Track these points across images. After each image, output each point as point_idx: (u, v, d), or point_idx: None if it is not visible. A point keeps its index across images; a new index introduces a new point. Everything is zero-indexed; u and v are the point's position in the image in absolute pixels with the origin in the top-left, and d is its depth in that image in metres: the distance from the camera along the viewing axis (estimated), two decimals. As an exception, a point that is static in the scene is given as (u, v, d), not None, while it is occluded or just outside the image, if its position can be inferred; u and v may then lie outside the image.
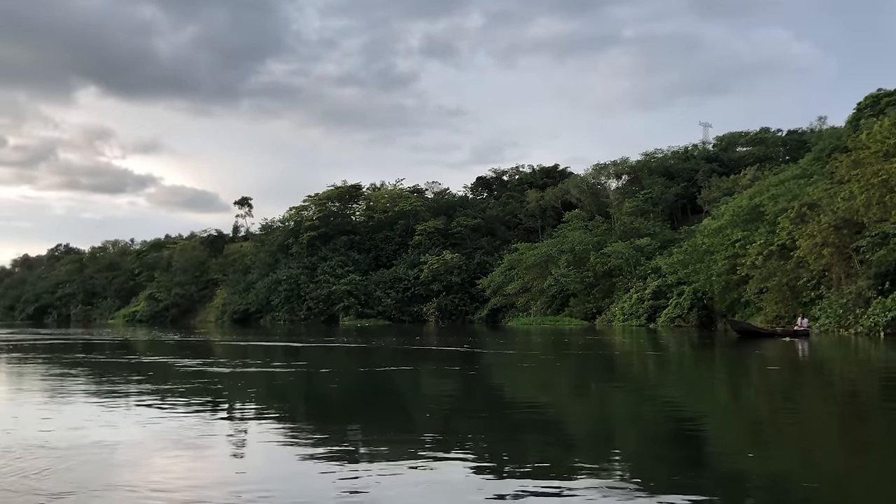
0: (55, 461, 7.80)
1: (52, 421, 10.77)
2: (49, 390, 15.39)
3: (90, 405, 12.75)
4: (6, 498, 6.38)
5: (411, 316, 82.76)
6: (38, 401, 13.60)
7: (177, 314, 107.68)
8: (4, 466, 7.52)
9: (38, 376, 19.12)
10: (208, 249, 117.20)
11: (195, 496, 6.48)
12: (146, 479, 7.14)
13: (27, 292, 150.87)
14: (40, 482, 6.87)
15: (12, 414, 11.89)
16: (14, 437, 9.28)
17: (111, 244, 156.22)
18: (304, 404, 14.28)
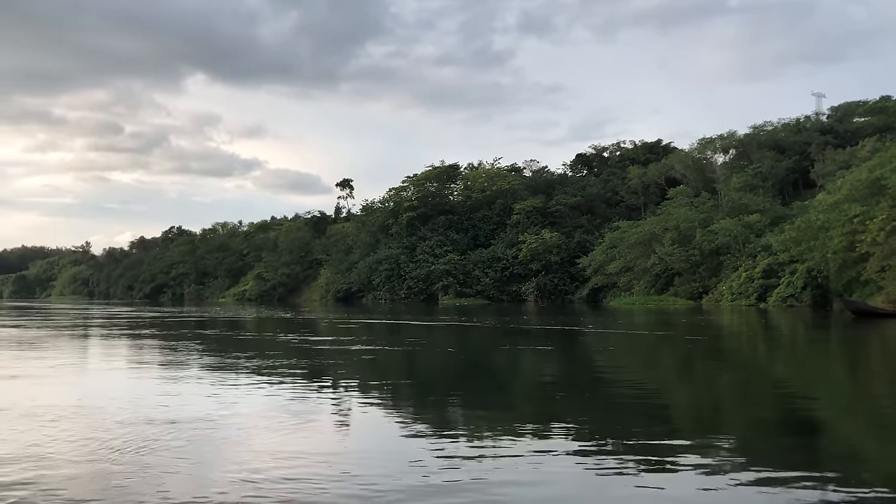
0: (170, 434, 8.11)
1: (168, 395, 11.23)
2: (166, 365, 16.09)
3: (203, 380, 13.28)
4: (124, 470, 6.63)
5: (510, 295, 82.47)
6: (156, 376, 14.23)
7: (283, 293, 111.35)
8: (124, 439, 7.85)
9: (156, 352, 20.08)
10: (312, 230, 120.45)
11: (300, 473, 6.57)
12: (255, 452, 7.32)
13: (144, 272, 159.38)
14: (156, 455, 7.13)
15: (133, 388, 12.48)
16: (134, 412, 9.71)
17: (220, 226, 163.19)
18: (407, 380, 14.38)
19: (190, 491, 5.87)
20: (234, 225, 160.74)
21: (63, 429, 8.31)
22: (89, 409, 9.73)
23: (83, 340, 25.09)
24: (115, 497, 5.72)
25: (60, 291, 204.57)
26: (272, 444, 7.63)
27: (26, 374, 14.04)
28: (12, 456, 6.99)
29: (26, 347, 21.05)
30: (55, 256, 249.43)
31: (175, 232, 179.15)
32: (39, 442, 7.62)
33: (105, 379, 13.73)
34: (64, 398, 10.66)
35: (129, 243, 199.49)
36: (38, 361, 16.63)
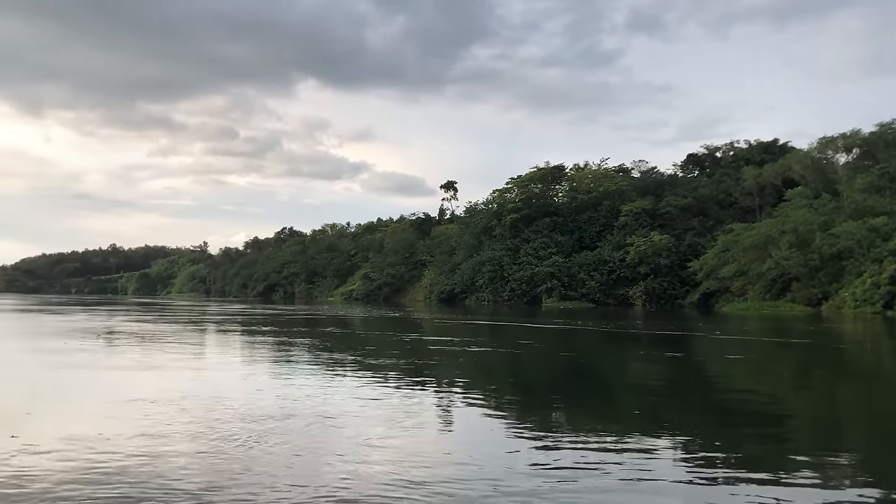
0: (283, 428, 8.41)
1: (282, 390, 11.61)
2: (281, 361, 16.63)
3: (316, 375, 13.64)
4: (237, 462, 6.86)
5: (616, 299, 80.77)
6: (271, 370, 14.71)
7: (388, 293, 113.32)
8: (238, 432, 8.15)
9: (272, 348, 20.77)
10: (416, 232, 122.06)
11: (407, 471, 6.64)
12: (360, 447, 7.46)
13: (257, 272, 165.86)
14: (267, 448, 7.38)
15: (249, 382, 12.95)
16: (248, 405, 10.08)
17: (329, 227, 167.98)
18: (511, 382, 14.26)
19: (300, 485, 6.01)
20: (342, 226, 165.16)
21: (182, 420, 8.73)
22: (207, 400, 10.16)
23: (203, 336, 26.28)
24: (230, 488, 5.93)
25: (179, 289, 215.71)
26: (380, 442, 7.73)
27: (152, 366, 14.84)
28: (133, 445, 7.38)
29: (153, 341, 22.23)
30: (175, 255, 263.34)
31: (287, 233, 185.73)
32: (159, 432, 8.02)
33: (222, 373, 14.30)
34: (184, 390, 11.20)
35: (244, 243, 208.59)
36: (163, 354, 17.55)
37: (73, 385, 12.09)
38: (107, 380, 12.93)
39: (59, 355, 16.81)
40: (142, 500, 5.59)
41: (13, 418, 8.81)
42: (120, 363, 15.46)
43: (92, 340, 21.94)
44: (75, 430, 7.98)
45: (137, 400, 10.02)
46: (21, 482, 5.96)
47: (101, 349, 19.13)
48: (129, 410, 9.27)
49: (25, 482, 5.96)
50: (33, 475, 6.17)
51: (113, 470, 6.35)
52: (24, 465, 6.46)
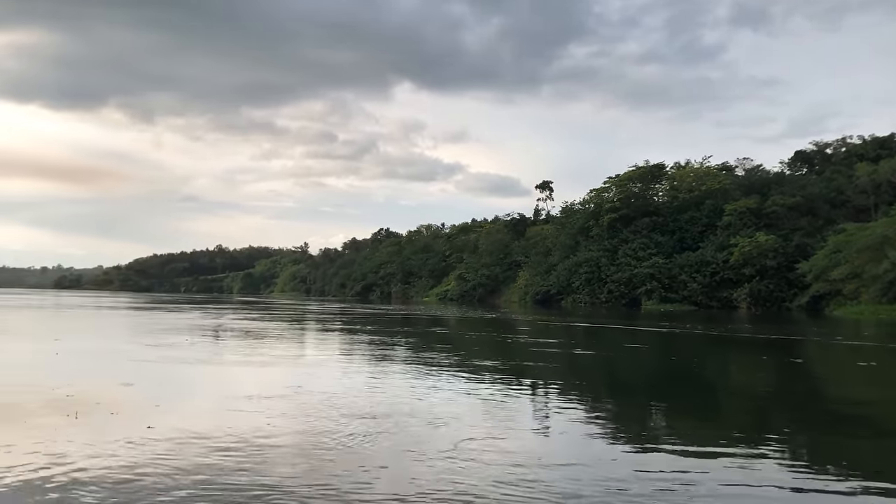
0: (385, 425, 8.62)
1: (377, 389, 11.84)
2: (380, 359, 16.99)
3: (413, 374, 13.88)
4: (342, 457, 7.07)
5: (719, 301, 78.08)
6: (371, 369, 15.06)
7: (483, 294, 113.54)
8: (344, 429, 8.39)
9: (371, 346, 21.22)
10: (511, 232, 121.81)
11: (504, 474, 6.66)
12: (456, 448, 7.51)
13: (355, 272, 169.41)
14: (364, 447, 7.58)
15: (353, 380, 13.27)
16: (353, 403, 10.36)
17: (425, 228, 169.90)
18: (608, 384, 14.09)
19: (397, 486, 6.10)
20: (437, 227, 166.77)
21: (292, 415, 9.08)
22: (314, 397, 10.50)
23: (308, 334, 27.12)
24: (328, 484, 6.10)
25: (281, 288, 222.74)
26: (482, 441, 7.78)
27: (264, 363, 15.46)
28: (237, 440, 7.68)
29: (263, 338, 23.11)
30: (277, 256, 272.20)
31: (383, 234, 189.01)
32: (261, 428, 8.31)
33: (328, 370, 14.70)
34: (292, 386, 11.61)
35: (343, 244, 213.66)
36: (273, 351, 18.27)
37: (196, 379, 12.74)
38: (224, 375, 13.55)
39: (181, 350, 17.72)
40: (252, 491, 5.85)
41: (146, 409, 9.35)
42: (236, 359, 16.17)
43: (210, 337, 23.00)
44: (197, 423, 8.43)
45: (253, 396, 10.45)
46: (152, 470, 6.33)
47: (218, 345, 20.04)
48: (244, 405, 9.71)
49: (156, 470, 6.33)
50: (165, 463, 6.55)
51: (230, 464, 6.67)
52: (158, 454, 6.86)
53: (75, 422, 8.39)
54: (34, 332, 25.12)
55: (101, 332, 25.68)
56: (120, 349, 17.94)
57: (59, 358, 15.55)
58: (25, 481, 5.95)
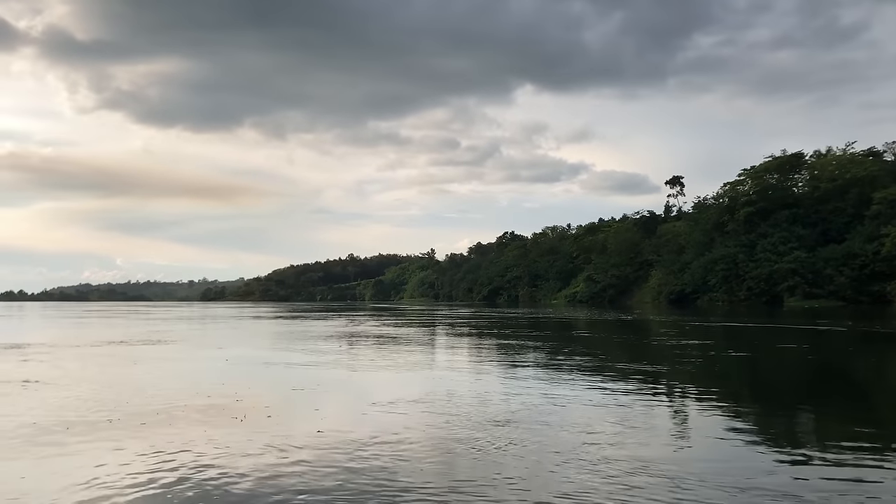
0: (516, 430, 8.61)
1: (511, 394, 11.82)
2: (510, 363, 17.00)
3: (545, 378, 13.70)
4: (468, 467, 7.14)
5: (870, 296, 72.83)
6: (501, 373, 15.03)
7: (613, 294, 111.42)
8: (476, 434, 8.51)
9: (501, 350, 21.34)
10: (641, 231, 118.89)
11: (638, 483, 6.47)
12: (590, 450, 7.40)
13: (482, 276, 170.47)
14: (493, 452, 7.56)
15: (484, 384, 13.41)
16: (484, 407, 10.48)
17: (550, 230, 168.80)
18: (748, 386, 13.44)
19: (533, 494, 5.99)
20: (562, 228, 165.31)
21: (424, 421, 9.18)
22: (444, 402, 10.60)
23: (441, 338, 27.57)
24: (463, 489, 6.11)
25: (410, 294, 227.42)
26: (615, 446, 7.63)
27: (401, 367, 15.88)
28: (371, 439, 7.91)
29: (399, 343, 23.74)
30: (405, 263, 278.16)
31: (508, 237, 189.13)
32: (400, 432, 8.44)
33: (460, 375, 14.74)
34: (426, 391, 11.80)
35: (468, 249, 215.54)
36: (409, 355, 18.69)
37: (348, 384, 13.23)
38: (372, 379, 13.97)
39: (335, 356, 18.52)
40: (390, 493, 6.01)
41: (304, 413, 9.85)
42: (383, 364, 16.68)
43: (357, 344, 23.88)
44: (346, 425, 8.77)
45: (396, 401, 10.73)
46: (298, 468, 6.64)
47: (365, 351, 20.76)
48: (387, 408, 9.97)
49: (303, 468, 6.64)
50: (311, 462, 6.86)
51: (375, 465, 6.87)
52: (308, 453, 7.20)
53: (241, 423, 8.96)
54: (201, 342, 26.94)
55: (258, 340, 27.13)
56: (279, 357, 18.91)
57: (228, 365, 16.64)
58: (197, 477, 6.35)
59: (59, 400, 11.04)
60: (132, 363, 17.35)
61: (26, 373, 15.02)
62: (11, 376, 14.38)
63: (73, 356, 19.58)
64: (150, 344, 24.00)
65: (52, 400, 11.06)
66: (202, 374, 14.92)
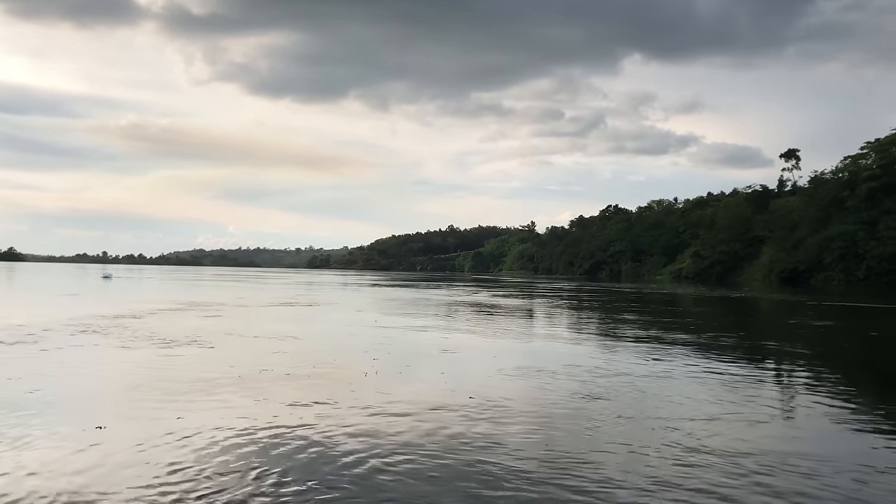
0: (614, 405, 9.02)
1: (611, 367, 12.29)
2: (614, 337, 17.37)
3: (646, 354, 13.79)
4: (564, 435, 7.64)
5: None
6: (600, 346, 15.45)
7: (721, 271, 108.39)
8: (567, 405, 9.02)
9: (602, 323, 21.71)
10: (752, 206, 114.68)
11: (737, 459, 6.51)
12: (693, 435, 7.28)
13: (583, 249, 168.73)
14: (595, 427, 8.02)
15: (583, 360, 13.91)
16: (580, 385, 10.98)
17: (656, 203, 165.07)
18: (869, 372, 13.03)
19: (627, 469, 5.94)
20: (669, 202, 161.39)
21: (518, 388, 9.72)
22: (548, 376, 11.13)
23: (548, 309, 28.07)
24: (558, 463, 6.17)
25: (510, 266, 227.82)
26: (715, 429, 7.41)
27: (509, 335, 16.60)
28: (474, 408, 8.31)
29: (513, 314, 24.46)
30: (505, 235, 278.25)
31: (612, 210, 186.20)
32: (494, 399, 8.99)
33: (568, 346, 15.25)
34: (532, 360, 12.49)
35: (569, 222, 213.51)
36: (518, 326, 19.39)
37: (465, 352, 13.99)
38: (495, 348, 14.74)
39: (462, 323, 19.49)
40: (472, 471, 6.52)
41: (427, 373, 10.68)
42: (508, 332, 17.43)
43: (475, 313, 24.79)
44: (454, 389, 9.43)
45: (519, 368, 11.47)
46: (398, 428, 7.31)
47: (484, 320, 21.59)
48: (489, 378, 10.70)
49: (401, 428, 7.30)
50: (407, 421, 7.54)
51: (454, 432, 7.19)
52: (408, 414, 7.92)
53: (369, 379, 9.89)
54: (346, 305, 29.02)
55: (389, 307, 28.38)
56: (417, 322, 20.10)
57: (375, 328, 17.95)
58: (323, 425, 7.09)
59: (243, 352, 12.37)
60: (311, 322, 20.19)
61: (219, 326, 17.55)
62: (213, 328, 17.02)
63: (249, 314, 22.50)
64: (306, 306, 26.90)
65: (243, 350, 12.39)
66: (360, 338, 16.07)
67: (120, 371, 10.36)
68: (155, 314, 21.04)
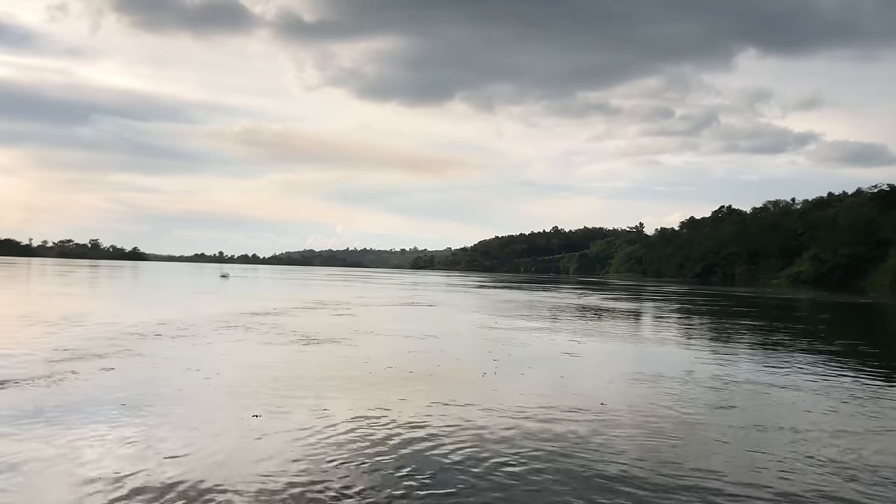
0: (728, 419, 8.99)
1: (723, 369, 12.26)
2: (722, 342, 17.12)
3: (759, 360, 13.67)
4: (675, 454, 7.46)
5: None
6: (709, 350, 15.34)
7: (842, 275, 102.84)
8: (690, 410, 9.11)
9: (713, 328, 21.32)
10: (879, 206, 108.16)
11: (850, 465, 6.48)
12: (810, 437, 7.36)
13: (694, 252, 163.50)
14: (713, 437, 7.97)
15: (699, 368, 13.81)
16: (698, 393, 10.98)
17: (772, 204, 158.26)
18: None
19: (748, 485, 5.77)
20: (786, 203, 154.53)
21: (641, 394, 9.85)
22: (669, 380, 11.29)
23: (664, 314, 27.75)
24: (676, 472, 6.09)
25: (616, 269, 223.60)
26: (848, 444, 7.27)
27: (629, 340, 16.67)
28: (600, 414, 8.40)
29: (626, 318, 24.42)
30: (611, 236, 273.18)
31: (724, 211, 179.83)
32: (606, 404, 9.20)
33: (672, 350, 15.23)
34: (635, 364, 12.60)
35: (679, 223, 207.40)
36: (637, 329, 19.36)
37: (595, 356, 14.24)
38: (612, 350, 14.94)
39: (593, 325, 19.76)
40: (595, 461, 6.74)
41: (543, 375, 11.09)
42: (627, 336, 17.57)
43: (596, 316, 24.94)
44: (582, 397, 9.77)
45: (634, 375, 11.65)
46: (507, 426, 7.66)
47: (608, 323, 21.74)
48: (623, 382, 10.90)
49: (512, 423, 7.64)
50: (515, 421, 7.87)
51: (580, 437, 7.62)
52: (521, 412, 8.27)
53: (486, 379, 10.35)
54: (455, 306, 29.91)
55: (505, 308, 28.78)
56: (529, 325, 20.52)
57: (491, 331, 18.44)
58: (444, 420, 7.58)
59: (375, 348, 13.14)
60: (433, 322, 21.24)
61: (350, 324, 18.74)
62: (345, 326, 18.15)
63: (375, 313, 23.98)
64: (427, 306, 28.12)
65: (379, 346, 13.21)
66: (481, 339, 16.73)
67: (268, 364, 11.29)
68: (287, 312, 22.37)
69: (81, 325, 16.38)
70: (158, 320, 17.86)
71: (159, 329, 15.77)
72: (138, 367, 10.63)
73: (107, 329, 15.38)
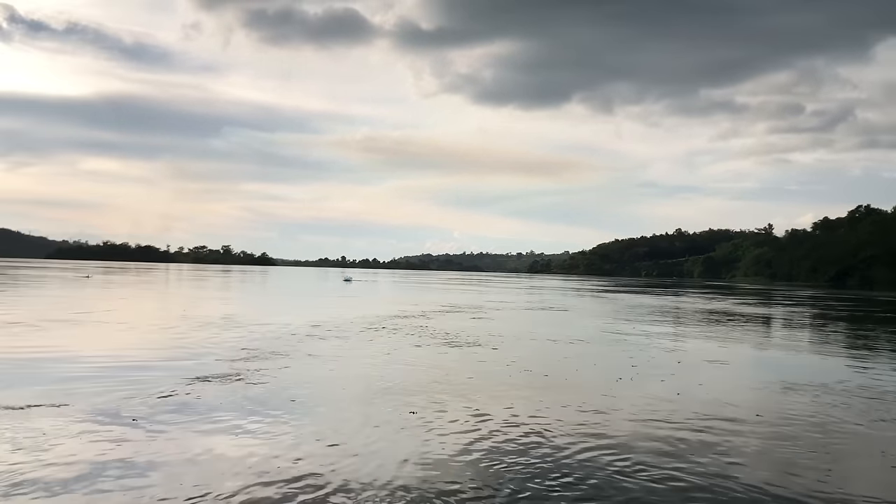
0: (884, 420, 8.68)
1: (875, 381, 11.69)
2: (865, 349, 16.37)
3: None
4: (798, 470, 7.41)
5: None
6: (856, 358, 14.79)
7: None
8: (845, 423, 8.75)
9: (860, 337, 20.37)
10: None
11: None
12: None
13: (828, 254, 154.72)
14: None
15: (847, 373, 13.31)
16: (853, 398, 10.55)
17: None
18: None
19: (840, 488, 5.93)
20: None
21: (794, 405, 9.72)
22: (807, 386, 11.08)
23: (802, 319, 26.68)
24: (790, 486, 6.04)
25: (744, 272, 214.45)
26: None
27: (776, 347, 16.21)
28: (753, 425, 8.45)
29: (774, 325, 23.70)
30: (738, 238, 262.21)
31: (863, 211, 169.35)
32: (774, 410, 9.10)
33: (819, 359, 14.78)
34: (783, 373, 12.40)
35: (812, 224, 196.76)
36: (790, 338, 18.78)
37: (743, 362, 14.06)
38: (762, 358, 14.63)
39: (737, 332, 19.49)
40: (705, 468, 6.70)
41: (678, 381, 11.13)
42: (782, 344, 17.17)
43: (721, 323, 24.43)
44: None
45: (790, 384, 11.39)
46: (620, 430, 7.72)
47: (749, 331, 21.30)
48: (769, 391, 10.75)
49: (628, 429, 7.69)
50: (631, 426, 7.94)
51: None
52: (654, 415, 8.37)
53: (629, 384, 10.46)
54: (586, 310, 30.09)
55: (637, 314, 28.55)
56: (665, 330, 20.55)
57: (629, 336, 18.57)
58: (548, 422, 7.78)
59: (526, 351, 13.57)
60: (569, 326, 21.39)
61: (489, 328, 19.38)
62: (484, 329, 18.79)
63: (509, 317, 24.62)
64: (554, 310, 28.48)
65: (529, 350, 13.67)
66: (620, 344, 16.87)
67: (417, 364, 12.08)
68: (425, 315, 23.33)
69: (241, 326, 17.87)
70: (309, 322, 19.20)
71: (313, 331, 16.95)
72: (309, 366, 11.59)
73: (266, 330, 16.76)
